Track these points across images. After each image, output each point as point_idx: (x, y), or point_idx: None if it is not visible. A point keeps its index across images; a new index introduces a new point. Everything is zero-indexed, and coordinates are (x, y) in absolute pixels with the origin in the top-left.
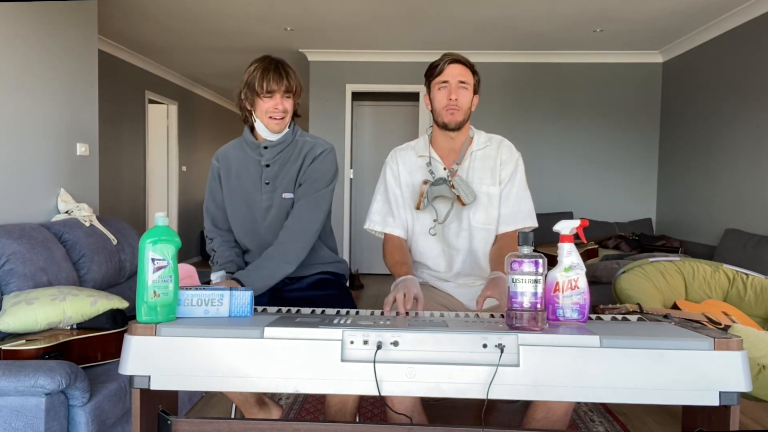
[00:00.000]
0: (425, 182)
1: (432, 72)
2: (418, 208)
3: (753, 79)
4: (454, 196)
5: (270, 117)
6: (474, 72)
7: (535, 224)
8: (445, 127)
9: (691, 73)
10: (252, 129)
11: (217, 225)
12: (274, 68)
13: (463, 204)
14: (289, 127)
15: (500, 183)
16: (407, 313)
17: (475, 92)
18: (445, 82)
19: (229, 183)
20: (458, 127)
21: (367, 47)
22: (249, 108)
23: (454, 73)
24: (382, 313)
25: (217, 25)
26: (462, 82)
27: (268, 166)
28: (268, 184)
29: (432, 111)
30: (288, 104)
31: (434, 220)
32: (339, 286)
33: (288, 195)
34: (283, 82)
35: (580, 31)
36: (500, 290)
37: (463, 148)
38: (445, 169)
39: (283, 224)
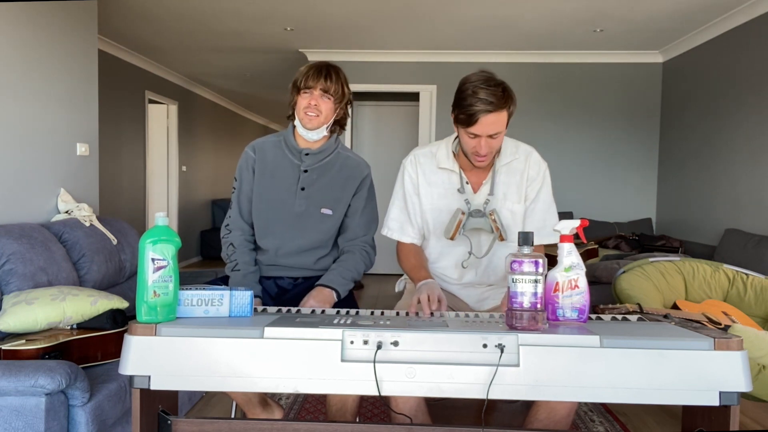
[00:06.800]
0: (462, 213)
1: (463, 116)
2: (452, 238)
3: (753, 79)
4: (492, 229)
5: (305, 112)
6: (509, 106)
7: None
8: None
9: (691, 73)
10: (294, 130)
11: (243, 216)
12: (320, 68)
13: (503, 239)
14: (328, 131)
15: (525, 200)
16: (432, 314)
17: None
18: (476, 135)
19: (263, 179)
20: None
21: (367, 47)
22: (294, 106)
23: (487, 125)
24: (407, 314)
25: (217, 25)
26: (494, 134)
27: (306, 171)
28: (303, 189)
29: (459, 139)
30: (324, 105)
31: (469, 252)
32: None
33: (327, 211)
34: (321, 81)
35: (580, 31)
36: None
37: (492, 167)
38: (467, 183)
39: (311, 236)
